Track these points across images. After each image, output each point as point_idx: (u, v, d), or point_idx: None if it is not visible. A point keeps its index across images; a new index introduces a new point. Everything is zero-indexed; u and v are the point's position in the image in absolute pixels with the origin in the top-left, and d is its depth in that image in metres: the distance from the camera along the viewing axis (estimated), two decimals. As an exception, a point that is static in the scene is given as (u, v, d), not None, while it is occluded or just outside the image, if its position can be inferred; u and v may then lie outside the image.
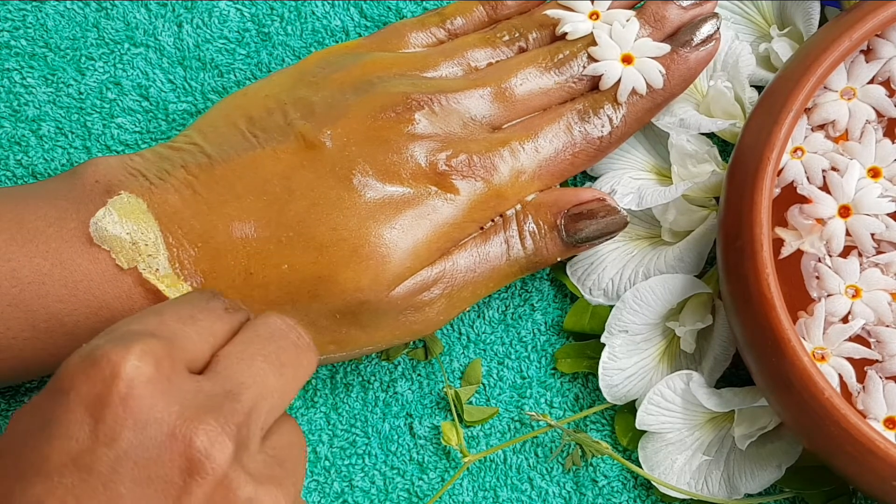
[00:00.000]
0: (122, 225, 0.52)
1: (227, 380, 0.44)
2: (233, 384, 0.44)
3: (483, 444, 0.59)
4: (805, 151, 0.56)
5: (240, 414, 0.43)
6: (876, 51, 0.57)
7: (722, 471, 0.57)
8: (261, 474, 0.43)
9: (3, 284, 0.51)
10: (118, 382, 0.41)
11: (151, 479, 0.41)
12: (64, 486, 0.40)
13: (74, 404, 0.41)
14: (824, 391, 0.51)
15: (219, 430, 0.42)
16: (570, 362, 0.59)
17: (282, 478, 0.44)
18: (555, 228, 0.56)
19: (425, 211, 0.54)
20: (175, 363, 0.43)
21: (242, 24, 0.62)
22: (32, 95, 0.61)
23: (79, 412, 0.41)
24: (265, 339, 0.46)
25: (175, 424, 0.41)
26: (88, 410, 0.41)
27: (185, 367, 0.43)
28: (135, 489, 0.41)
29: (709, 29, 0.57)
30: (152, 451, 0.41)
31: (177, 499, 0.41)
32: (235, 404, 0.43)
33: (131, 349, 0.42)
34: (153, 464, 0.41)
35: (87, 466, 0.41)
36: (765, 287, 0.52)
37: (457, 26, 0.59)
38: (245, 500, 0.42)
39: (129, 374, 0.41)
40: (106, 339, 0.43)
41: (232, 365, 0.44)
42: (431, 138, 0.55)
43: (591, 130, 0.57)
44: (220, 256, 0.52)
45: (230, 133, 0.55)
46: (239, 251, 0.53)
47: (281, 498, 0.43)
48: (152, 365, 0.42)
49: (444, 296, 0.55)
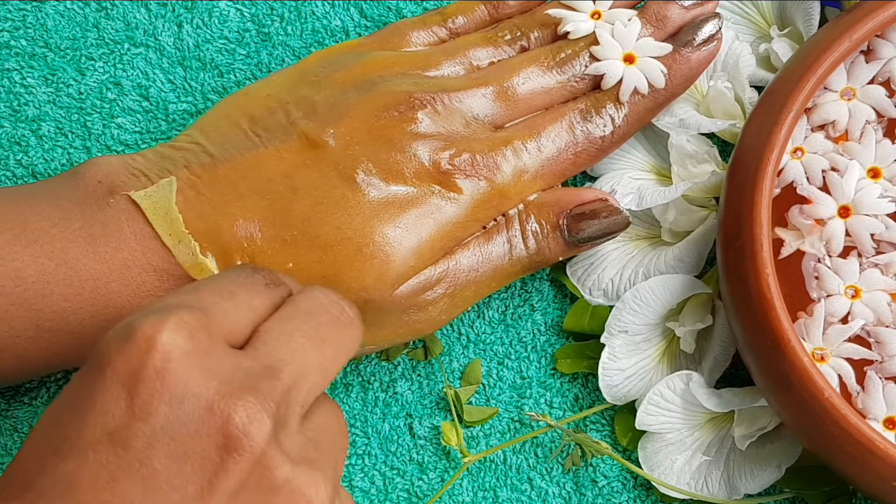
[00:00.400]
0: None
1: (266, 356, 0.42)
2: (273, 360, 0.42)
3: (483, 445, 0.59)
4: (805, 152, 0.56)
5: (279, 392, 0.41)
6: (876, 51, 0.57)
7: (722, 471, 0.57)
8: (299, 456, 0.42)
9: (8, 284, 0.51)
10: (154, 355, 0.40)
11: (188, 454, 0.40)
12: (98, 461, 0.39)
13: (109, 379, 0.40)
14: (824, 391, 0.51)
15: (258, 408, 0.40)
16: (570, 362, 0.59)
17: (320, 461, 0.43)
18: (557, 228, 0.56)
19: (429, 210, 0.54)
20: (213, 336, 0.42)
21: (242, 24, 0.62)
22: (32, 95, 0.61)
23: (114, 387, 0.40)
24: (306, 314, 0.44)
25: (213, 400, 0.40)
26: (124, 385, 0.40)
27: (223, 342, 0.42)
28: (170, 465, 0.40)
29: (710, 29, 0.57)
30: (189, 426, 0.40)
31: (213, 475, 0.40)
32: (275, 381, 0.41)
33: (167, 321, 0.41)
34: (190, 439, 0.40)
35: (122, 442, 0.40)
36: (765, 287, 0.52)
37: (458, 25, 0.59)
38: (282, 480, 0.41)
39: (165, 346, 0.40)
40: (142, 314, 0.41)
41: (272, 341, 0.43)
42: (434, 137, 0.55)
43: (593, 130, 0.57)
44: (224, 256, 0.52)
45: (232, 132, 0.55)
46: (244, 250, 0.53)
47: (320, 481, 0.42)
48: (188, 337, 0.41)
49: (446, 295, 0.55)
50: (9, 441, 0.58)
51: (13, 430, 0.58)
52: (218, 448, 0.40)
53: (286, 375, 0.42)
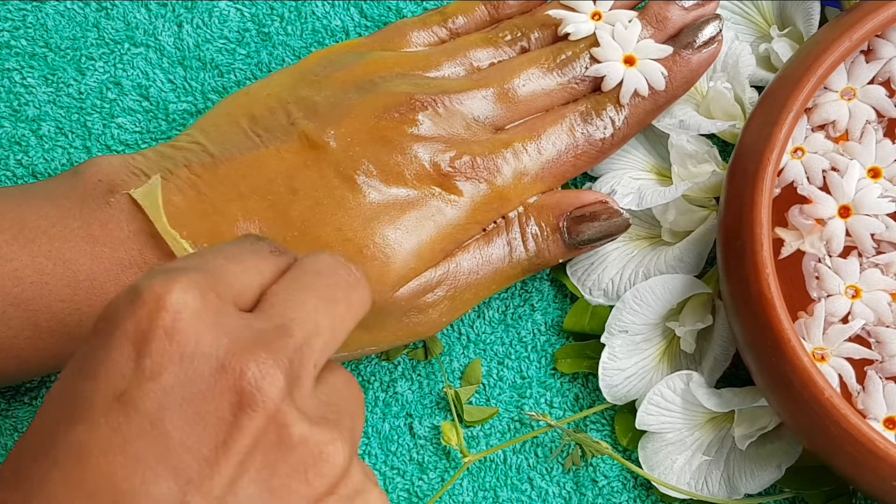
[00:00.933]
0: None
1: (277, 316, 0.41)
2: (284, 320, 0.41)
3: (483, 444, 0.59)
4: (805, 152, 0.56)
5: (291, 349, 0.40)
6: (876, 51, 0.57)
7: (722, 471, 0.57)
8: (315, 415, 0.41)
9: (6, 284, 0.51)
10: (163, 314, 0.39)
11: (200, 415, 0.39)
12: (108, 425, 0.38)
13: (118, 340, 0.39)
14: (824, 391, 0.51)
15: (270, 363, 0.39)
16: (570, 362, 0.59)
17: (337, 422, 0.41)
18: (557, 230, 0.56)
19: (429, 212, 0.54)
20: (222, 297, 0.41)
21: (242, 24, 0.62)
22: (32, 95, 0.61)
23: (122, 348, 0.39)
24: (314, 275, 0.43)
25: (224, 358, 0.39)
26: (133, 345, 0.39)
27: (232, 303, 0.41)
28: (183, 427, 0.39)
29: (711, 31, 0.57)
30: (200, 385, 0.39)
31: (227, 434, 0.39)
32: (287, 339, 0.40)
33: (176, 281, 0.40)
34: (202, 399, 0.39)
35: (132, 404, 0.39)
36: (765, 287, 0.52)
37: (458, 25, 0.59)
38: (298, 438, 0.40)
39: (175, 305, 0.39)
40: (148, 276, 0.40)
41: (281, 302, 0.42)
42: (435, 139, 0.55)
43: (593, 132, 0.57)
44: None
45: (233, 132, 0.55)
46: None
47: (338, 439, 0.40)
48: (198, 296, 0.40)
49: (447, 297, 0.55)
50: (9, 441, 0.58)
51: (13, 430, 0.58)
52: (231, 406, 0.39)
53: (298, 334, 0.41)
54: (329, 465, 0.40)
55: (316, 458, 0.40)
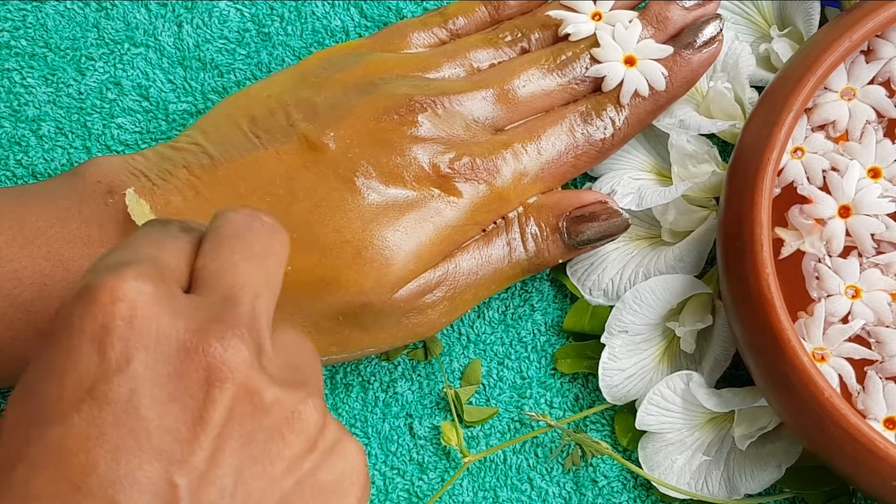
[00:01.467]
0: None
1: (217, 289, 0.42)
2: (226, 290, 0.42)
3: (483, 445, 0.59)
4: (805, 152, 0.56)
5: (245, 317, 0.41)
6: (876, 51, 0.57)
7: (722, 471, 0.57)
8: (281, 377, 0.41)
9: (5, 286, 0.51)
10: (120, 306, 0.40)
11: (172, 396, 0.39)
12: (83, 419, 0.39)
13: (79, 338, 0.40)
14: (824, 391, 0.51)
15: (230, 335, 0.40)
16: (570, 363, 0.59)
17: (303, 380, 0.42)
18: (557, 231, 0.56)
19: (428, 214, 0.54)
20: (167, 282, 0.41)
21: (242, 24, 0.62)
22: (32, 95, 0.61)
23: (84, 345, 0.40)
24: (233, 237, 0.44)
25: (185, 338, 0.40)
26: (93, 341, 0.40)
27: (177, 287, 0.42)
28: (158, 410, 0.39)
29: (712, 31, 0.57)
30: (168, 368, 0.40)
31: (202, 410, 0.39)
32: (237, 308, 0.41)
33: (126, 273, 0.40)
34: (171, 381, 0.40)
35: (103, 396, 0.39)
36: (765, 287, 0.52)
37: (459, 26, 0.59)
38: (271, 401, 0.41)
39: (131, 295, 0.40)
40: (93, 274, 0.41)
41: (216, 274, 0.43)
42: (434, 141, 0.55)
43: (593, 132, 0.57)
44: None
45: (233, 133, 0.55)
46: None
47: (307, 398, 0.41)
48: (150, 284, 0.40)
49: (446, 298, 0.55)
50: (9, 441, 0.58)
51: (13, 431, 0.58)
52: (201, 383, 0.40)
53: (244, 300, 0.42)
54: (304, 423, 0.41)
55: (291, 418, 0.41)
